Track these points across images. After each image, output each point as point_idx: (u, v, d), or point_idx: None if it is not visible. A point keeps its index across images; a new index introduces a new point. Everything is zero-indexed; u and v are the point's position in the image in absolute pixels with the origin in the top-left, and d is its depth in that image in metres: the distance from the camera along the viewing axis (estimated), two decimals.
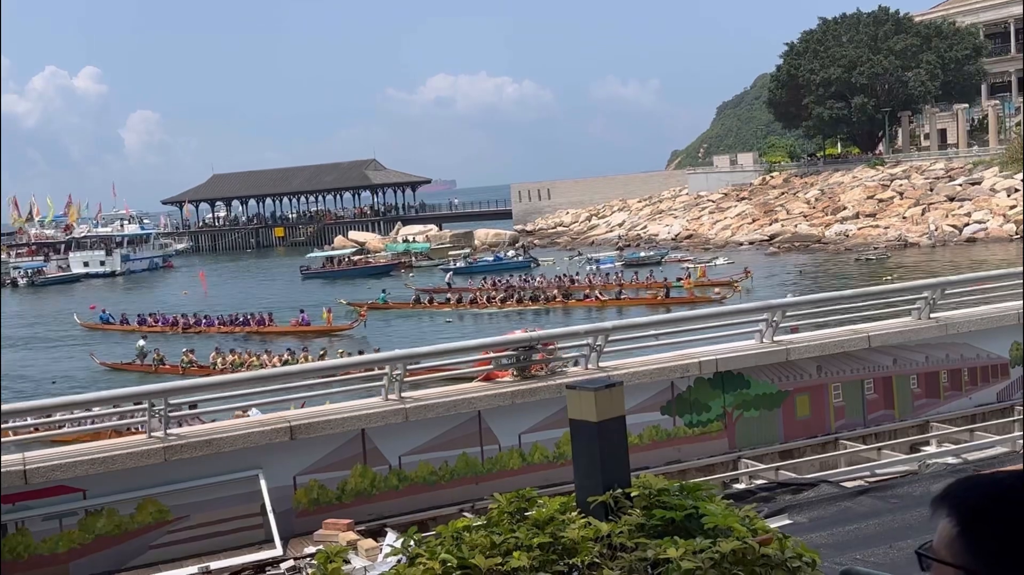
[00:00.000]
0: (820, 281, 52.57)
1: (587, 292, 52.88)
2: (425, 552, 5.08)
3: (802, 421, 13.22)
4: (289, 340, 43.31)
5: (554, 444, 11.76)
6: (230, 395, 12.01)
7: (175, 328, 49.84)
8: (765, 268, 58.70)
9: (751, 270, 54.74)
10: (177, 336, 47.80)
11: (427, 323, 50.42)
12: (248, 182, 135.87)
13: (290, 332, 46.39)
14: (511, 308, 51.70)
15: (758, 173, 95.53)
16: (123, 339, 48.51)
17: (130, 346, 43.22)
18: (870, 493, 10.40)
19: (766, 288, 50.95)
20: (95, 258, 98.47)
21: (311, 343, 39.69)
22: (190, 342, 43.05)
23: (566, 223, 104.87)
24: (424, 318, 52.36)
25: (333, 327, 46.10)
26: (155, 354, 39.53)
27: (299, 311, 48.82)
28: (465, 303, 54.14)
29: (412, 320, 51.39)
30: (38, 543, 9.90)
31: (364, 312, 47.45)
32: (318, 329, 45.89)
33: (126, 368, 39.67)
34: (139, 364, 39.70)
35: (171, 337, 47.33)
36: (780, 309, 13.51)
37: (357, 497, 11.06)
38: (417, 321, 51.22)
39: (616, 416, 5.58)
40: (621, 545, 4.94)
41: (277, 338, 45.30)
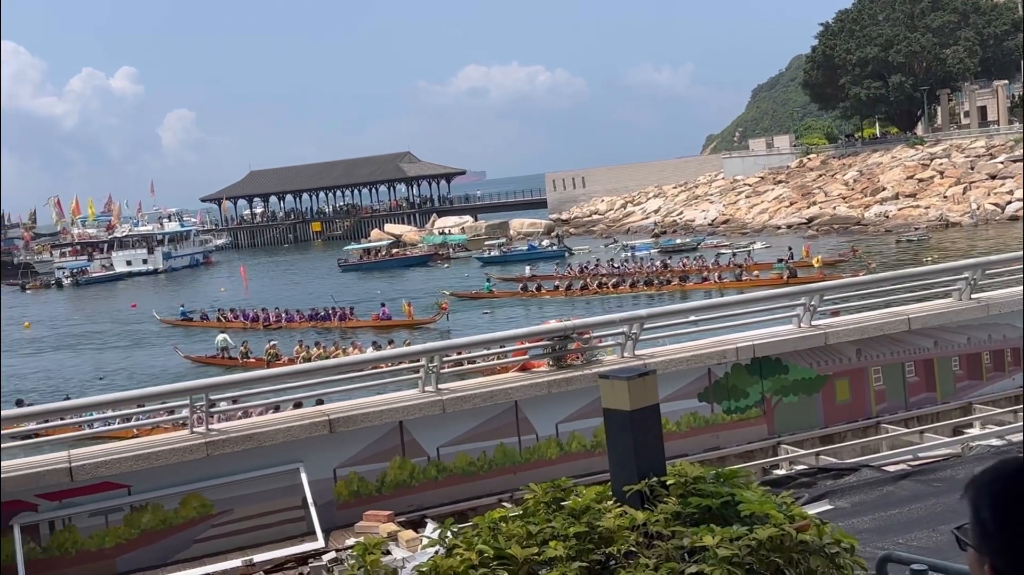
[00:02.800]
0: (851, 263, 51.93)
1: (705, 275, 51.58)
2: (462, 543, 5.11)
3: (842, 405, 13.10)
4: (371, 334, 42.82)
5: (591, 433, 11.76)
6: (272, 390, 12.13)
7: (256, 324, 49.44)
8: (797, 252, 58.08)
9: (857, 248, 53.56)
10: (258, 331, 47.47)
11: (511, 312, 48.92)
12: (284, 178, 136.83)
13: (371, 326, 45.87)
14: (624, 293, 50.39)
15: (795, 156, 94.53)
16: (204, 334, 48.39)
17: (211, 342, 43.17)
18: (912, 477, 10.29)
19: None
20: (138, 256, 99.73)
21: (394, 336, 39.16)
22: (271, 337, 42.75)
23: (601, 211, 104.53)
24: (532, 306, 50.60)
25: (415, 320, 45.72)
26: (242, 347, 39.43)
27: (380, 305, 48.55)
28: (576, 290, 52.71)
29: (506, 309, 50.02)
30: (85, 539, 10.08)
31: (446, 305, 47.05)
32: (400, 323, 45.58)
33: (211, 362, 39.62)
34: (223, 358, 39.67)
35: (252, 332, 47.02)
36: (817, 293, 13.39)
37: (396, 489, 11.14)
38: (506, 311, 49.64)
39: (650, 404, 5.57)
40: (657, 533, 4.94)
41: (359, 332, 44.76)
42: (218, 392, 10.89)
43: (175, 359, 41.56)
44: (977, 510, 1.76)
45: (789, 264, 50.27)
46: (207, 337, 46.55)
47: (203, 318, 53.19)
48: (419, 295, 54.94)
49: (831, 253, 55.50)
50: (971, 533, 1.77)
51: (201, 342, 45.91)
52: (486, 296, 54.08)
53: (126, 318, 60.57)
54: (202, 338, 47.41)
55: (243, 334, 45.40)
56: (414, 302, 48.63)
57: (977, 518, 1.76)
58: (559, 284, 54.46)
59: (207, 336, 47.06)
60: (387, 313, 46.98)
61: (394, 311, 47.27)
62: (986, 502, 1.74)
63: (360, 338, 39.98)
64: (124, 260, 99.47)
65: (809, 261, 52.51)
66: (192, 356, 41.46)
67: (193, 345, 45.16)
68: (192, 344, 45.54)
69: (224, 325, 49.48)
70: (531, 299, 53.16)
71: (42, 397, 32.98)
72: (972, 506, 1.78)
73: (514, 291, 55.06)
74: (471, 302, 53.06)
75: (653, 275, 52.64)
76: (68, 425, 11.74)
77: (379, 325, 45.80)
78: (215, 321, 51.41)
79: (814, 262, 50.93)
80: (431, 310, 47.92)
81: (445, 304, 47.32)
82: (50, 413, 11.47)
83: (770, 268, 51.57)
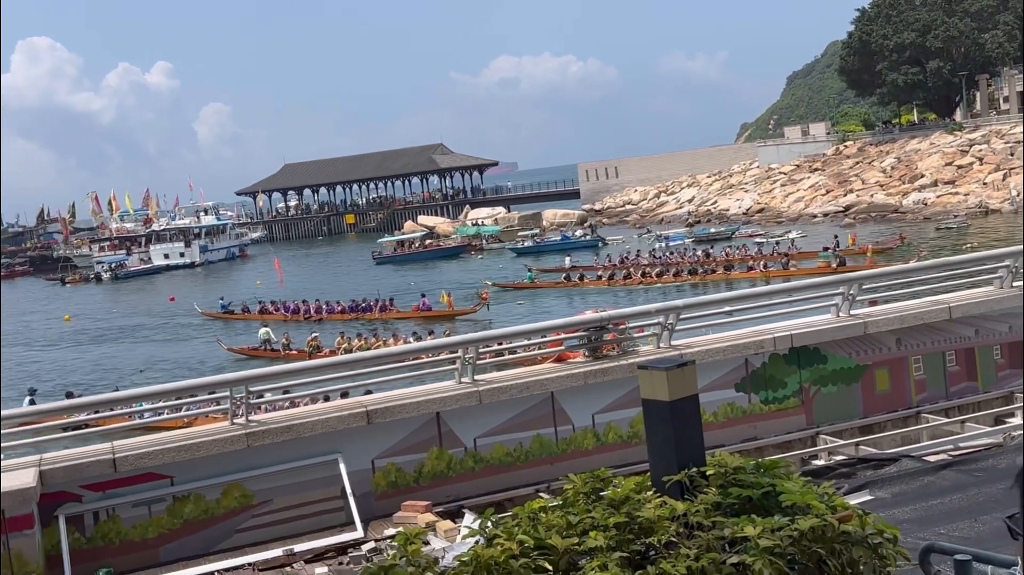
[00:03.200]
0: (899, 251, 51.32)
1: (751, 264, 50.87)
2: (502, 533, 5.14)
3: (882, 395, 12.99)
4: (411, 325, 42.67)
5: (628, 424, 11.76)
6: (309, 381, 12.22)
7: (296, 316, 49.67)
8: (841, 240, 57.47)
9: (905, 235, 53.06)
10: (299, 323, 47.67)
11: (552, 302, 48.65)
12: (318, 170, 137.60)
13: (412, 317, 45.78)
14: (668, 283, 49.80)
15: (831, 143, 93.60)
16: (245, 327, 48.74)
17: (252, 334, 43.46)
18: (954, 467, 10.20)
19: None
20: (175, 250, 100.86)
21: (435, 327, 38.63)
22: (312, 329, 42.90)
23: (634, 201, 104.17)
24: (574, 296, 50.10)
25: (455, 311, 45.73)
26: (284, 338, 39.58)
27: (420, 295, 48.50)
28: (618, 279, 52.40)
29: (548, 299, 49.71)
30: (129, 529, 10.23)
31: (486, 295, 46.98)
32: (440, 313, 45.41)
33: (254, 354, 39.78)
34: (265, 350, 39.79)
35: (292, 324, 47.09)
36: (856, 282, 13.26)
37: (434, 479, 11.20)
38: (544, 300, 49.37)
39: (689, 395, 5.56)
40: (698, 524, 4.94)
41: (399, 323, 44.69)
42: (257, 384, 10.99)
43: (218, 351, 41.89)
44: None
45: (837, 252, 49.41)
46: (248, 330, 46.84)
47: (244, 311, 53.49)
48: (455, 286, 54.96)
49: (879, 241, 54.76)
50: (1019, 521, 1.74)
51: (242, 335, 46.21)
52: (528, 286, 53.92)
53: (167, 311, 61.04)
54: (243, 331, 47.68)
55: (284, 326, 45.58)
56: (452, 293, 48.56)
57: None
58: (601, 274, 54.10)
59: (248, 329, 47.36)
60: (427, 304, 46.90)
61: (433, 302, 47.16)
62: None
63: (401, 329, 40.02)
64: (162, 254, 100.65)
65: (854, 249, 51.75)
66: (235, 348, 41.71)
67: (235, 337, 45.50)
68: (234, 336, 45.87)
69: (265, 317, 49.73)
70: (573, 289, 52.73)
71: (88, 390, 33.44)
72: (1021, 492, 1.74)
73: (557, 281, 54.71)
74: (514, 292, 52.98)
75: (697, 264, 52.05)
76: (112, 416, 11.91)
77: (419, 316, 45.75)
78: (256, 313, 51.59)
79: (866, 251, 49.95)
80: (471, 300, 47.84)
81: (486, 294, 47.20)
82: (94, 405, 11.65)
83: (815, 257, 50.91)
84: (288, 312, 50.48)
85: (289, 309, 50.83)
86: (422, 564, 5.10)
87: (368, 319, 46.70)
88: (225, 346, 42.05)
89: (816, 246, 54.33)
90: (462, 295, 50.46)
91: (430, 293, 49.48)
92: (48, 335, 57.28)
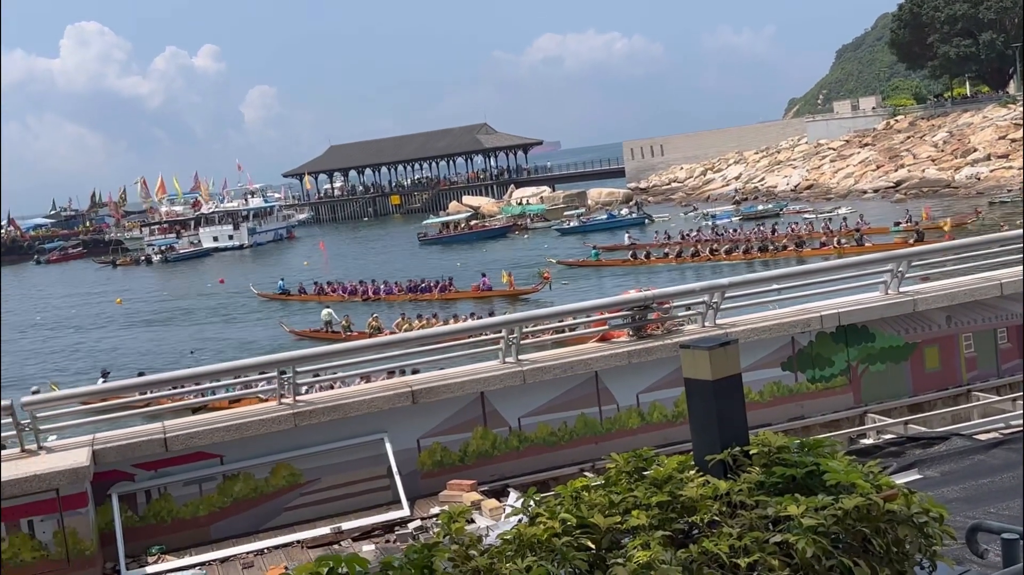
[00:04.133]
0: (976, 225, 49.98)
1: (823, 240, 49.21)
2: (545, 512, 5.16)
3: (932, 373, 12.82)
4: (471, 305, 42.48)
5: (672, 403, 11.72)
6: (356, 361, 12.33)
7: (355, 296, 49.27)
8: (893, 216, 56.52)
9: (981, 210, 52.03)
10: (356, 304, 47.19)
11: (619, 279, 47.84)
12: (363, 152, 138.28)
13: (472, 297, 45.47)
14: (737, 260, 48.83)
15: (881, 118, 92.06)
16: (302, 308, 48.67)
17: (308, 315, 43.32)
18: (1004, 445, 10.04)
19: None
20: (224, 232, 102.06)
21: (496, 308, 38.47)
22: (371, 310, 42.70)
23: (680, 179, 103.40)
24: (641, 274, 49.26)
25: (516, 290, 45.06)
26: (344, 320, 39.35)
27: (480, 275, 48.13)
28: (686, 256, 51.45)
29: (615, 278, 48.94)
30: (180, 507, 10.43)
31: (548, 274, 46.45)
32: (500, 293, 44.96)
33: (315, 335, 39.33)
34: (327, 332, 39.48)
35: (351, 305, 46.69)
36: (905, 259, 13.06)
37: (479, 458, 11.27)
38: (613, 279, 48.51)
39: (732, 374, 5.53)
40: (740, 503, 4.92)
41: (458, 303, 44.48)
42: (305, 364, 11.11)
43: (278, 332, 41.74)
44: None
45: (919, 227, 47.95)
46: (305, 310, 46.78)
47: (301, 292, 53.09)
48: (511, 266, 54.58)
49: (956, 214, 53.41)
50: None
51: (299, 315, 46.05)
52: (593, 264, 53.39)
53: (224, 293, 61.27)
54: (300, 312, 47.48)
55: (342, 306, 45.20)
56: (512, 273, 47.80)
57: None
58: (668, 251, 53.09)
59: (305, 309, 47.28)
60: (487, 283, 46.27)
61: (495, 282, 46.51)
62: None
63: (460, 309, 39.76)
64: (211, 236, 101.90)
65: (929, 223, 50.33)
66: (296, 330, 41.36)
67: (292, 318, 45.39)
68: (291, 317, 45.76)
69: (322, 298, 49.37)
70: (640, 266, 51.63)
71: (147, 371, 33.94)
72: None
73: (624, 259, 53.81)
74: (578, 270, 52.39)
75: (767, 241, 50.95)
76: (163, 396, 12.13)
77: (479, 295, 45.15)
78: (313, 294, 51.23)
79: (944, 226, 48.67)
80: (533, 279, 47.03)
81: (548, 273, 46.67)
82: (146, 385, 11.86)
83: (887, 232, 49.54)
84: (346, 293, 49.97)
85: (347, 290, 50.33)
86: (465, 542, 5.14)
87: (428, 299, 46.23)
88: (287, 328, 41.78)
89: (884, 221, 53.08)
90: (522, 275, 49.74)
91: (476, 274, 49.32)
92: (103, 317, 58.28)
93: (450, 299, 45.82)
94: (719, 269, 46.77)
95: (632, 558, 4.53)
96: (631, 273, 49.88)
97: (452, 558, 4.95)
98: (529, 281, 47.37)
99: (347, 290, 50.47)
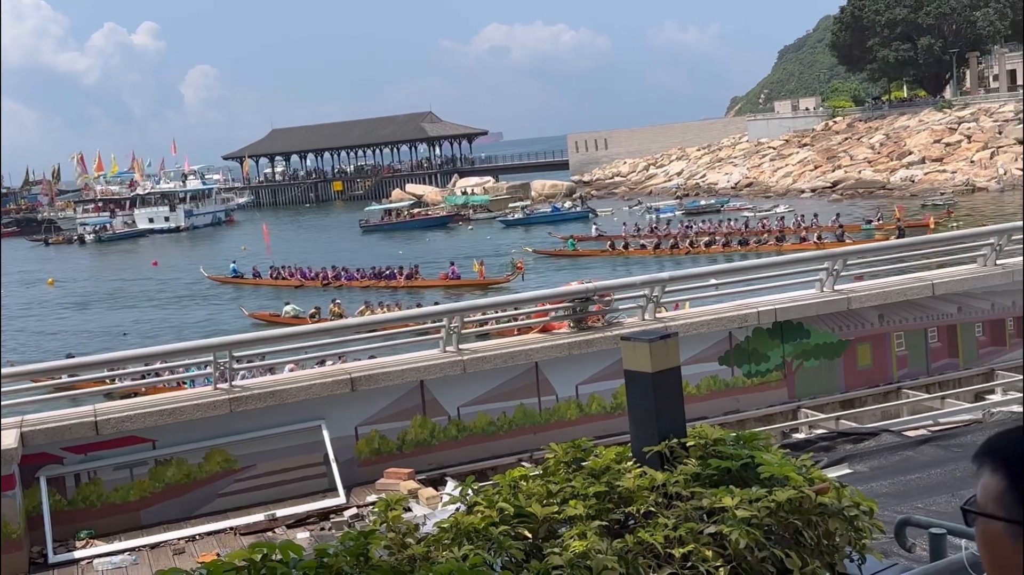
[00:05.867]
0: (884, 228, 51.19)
1: (803, 235, 49.49)
2: (483, 500, 5.16)
3: (864, 371, 13.07)
4: (438, 294, 41.24)
5: (611, 395, 11.80)
6: (294, 347, 12.21)
7: (314, 281, 47.13)
8: (828, 216, 57.41)
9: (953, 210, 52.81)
10: (316, 290, 45.10)
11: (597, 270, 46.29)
12: (306, 136, 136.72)
13: (440, 285, 44.11)
14: (717, 252, 48.46)
15: (821, 118, 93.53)
16: (255, 292, 46.88)
17: (263, 299, 41.83)
18: (933, 442, 10.28)
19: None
20: (159, 214, 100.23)
21: (464, 297, 36.92)
22: (331, 296, 40.77)
23: (623, 173, 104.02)
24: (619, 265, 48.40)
25: (487, 280, 43.61)
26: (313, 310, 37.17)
27: (449, 263, 46.81)
28: (665, 248, 51.05)
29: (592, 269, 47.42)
30: (110, 492, 10.24)
31: (521, 264, 45.47)
32: (470, 282, 43.50)
33: (277, 320, 37.30)
34: (287, 317, 37.51)
35: (310, 291, 44.70)
36: (841, 258, 13.30)
37: (417, 447, 11.23)
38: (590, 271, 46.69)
39: (671, 367, 5.58)
40: (676, 494, 4.97)
41: (426, 292, 43.14)
42: (242, 349, 10.97)
43: (226, 316, 40.32)
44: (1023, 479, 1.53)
45: (900, 224, 48.36)
46: (258, 295, 45.06)
47: (256, 275, 50.93)
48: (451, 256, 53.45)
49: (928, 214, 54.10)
50: (1007, 506, 1.54)
51: (252, 300, 44.42)
52: (570, 254, 53.04)
53: (172, 275, 59.23)
54: (253, 296, 45.78)
55: (300, 292, 43.50)
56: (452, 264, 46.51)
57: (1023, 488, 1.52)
58: (646, 243, 52.94)
59: (258, 294, 45.51)
60: (456, 272, 45.07)
61: (465, 271, 45.30)
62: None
63: (426, 299, 38.77)
64: (146, 217, 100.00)
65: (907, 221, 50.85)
66: (258, 314, 39.70)
67: (245, 302, 43.68)
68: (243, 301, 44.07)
69: (279, 283, 47.68)
70: (618, 257, 51.15)
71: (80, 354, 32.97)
72: (1015, 476, 1.54)
73: (602, 249, 53.23)
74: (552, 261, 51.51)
75: (749, 234, 51.23)
76: (93, 380, 11.89)
77: (448, 284, 43.92)
78: (269, 278, 49.37)
79: (929, 223, 49.03)
80: (506, 269, 45.88)
81: (521, 263, 45.95)
82: (78, 367, 11.62)
83: (859, 230, 49.69)
84: (304, 278, 47.97)
85: (306, 275, 48.28)
86: (402, 530, 5.12)
87: (392, 287, 44.78)
88: (247, 311, 40.26)
89: (824, 220, 53.62)
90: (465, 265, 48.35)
91: (415, 264, 48.50)
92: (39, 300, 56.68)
93: (416, 287, 44.42)
94: (698, 261, 46.23)
95: (568, 547, 4.56)
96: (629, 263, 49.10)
97: (388, 546, 4.93)
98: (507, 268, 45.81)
99: (306, 275, 48.20)
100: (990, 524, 1.57)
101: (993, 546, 1.57)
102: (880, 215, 52.20)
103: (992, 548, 1.57)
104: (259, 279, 50.54)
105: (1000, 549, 1.55)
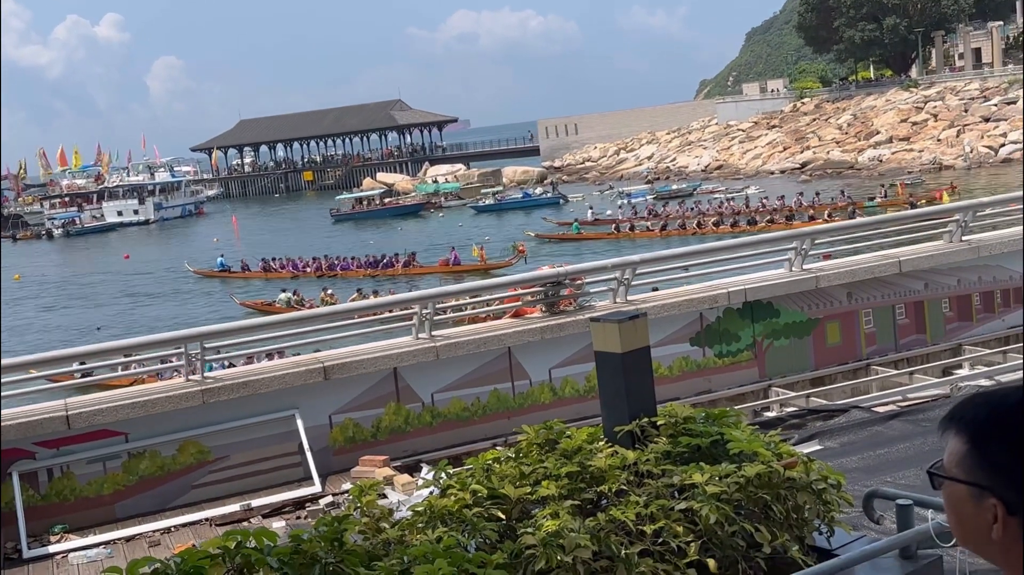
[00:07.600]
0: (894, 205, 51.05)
1: (812, 213, 48.50)
2: (456, 483, 5.20)
3: (833, 348, 13.22)
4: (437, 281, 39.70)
5: (584, 378, 11.86)
6: (266, 338, 12.17)
7: (307, 272, 46.25)
8: (800, 194, 57.69)
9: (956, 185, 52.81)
10: (311, 280, 44.36)
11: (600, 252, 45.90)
12: (274, 127, 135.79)
13: (439, 272, 42.99)
14: (725, 232, 47.60)
15: (789, 100, 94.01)
16: (245, 285, 45.96)
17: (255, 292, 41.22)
18: (901, 417, 10.43)
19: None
20: (128, 207, 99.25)
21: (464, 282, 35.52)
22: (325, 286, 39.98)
23: (594, 158, 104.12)
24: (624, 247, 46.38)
25: (488, 264, 42.62)
26: (294, 295, 36.48)
27: (450, 248, 46.05)
28: (671, 230, 50.77)
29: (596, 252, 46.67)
30: (83, 486, 10.19)
31: (523, 247, 44.79)
32: (471, 267, 42.76)
33: (271, 309, 35.88)
34: (281, 307, 36.28)
35: (303, 283, 43.59)
36: (809, 237, 13.43)
37: (392, 434, 11.25)
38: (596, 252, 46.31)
39: (641, 347, 5.63)
40: (647, 472, 5.03)
41: (424, 279, 42.03)
42: (213, 340, 10.93)
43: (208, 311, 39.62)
44: (983, 442, 1.57)
45: (913, 199, 48.27)
46: (249, 289, 44.23)
47: (244, 269, 49.74)
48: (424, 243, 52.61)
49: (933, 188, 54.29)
50: (969, 469, 1.59)
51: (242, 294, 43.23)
52: (574, 238, 52.67)
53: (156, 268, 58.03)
54: (243, 290, 44.82)
55: (293, 284, 42.45)
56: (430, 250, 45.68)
57: (983, 451, 1.57)
58: (651, 225, 52.52)
59: (248, 288, 44.69)
60: (457, 258, 44.29)
61: (465, 256, 44.61)
62: (997, 433, 1.57)
63: (425, 285, 38.34)
64: (115, 211, 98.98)
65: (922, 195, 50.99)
66: (250, 303, 38.90)
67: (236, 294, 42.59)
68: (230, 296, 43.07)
69: (269, 275, 46.87)
70: (623, 240, 50.41)
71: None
72: (975, 439, 1.59)
73: (607, 232, 52.60)
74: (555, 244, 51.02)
75: (757, 214, 51.10)
76: (65, 373, 11.81)
77: (447, 270, 43.13)
78: (259, 271, 48.21)
79: (940, 196, 48.84)
80: (507, 253, 45.22)
81: (523, 247, 45.64)
82: (47, 362, 11.51)
83: (861, 208, 49.33)
84: (297, 270, 47.02)
85: (297, 267, 47.33)
86: (376, 515, 5.14)
87: (391, 275, 43.90)
88: (239, 300, 39.47)
89: (790, 200, 53.95)
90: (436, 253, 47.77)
91: (389, 252, 48.06)
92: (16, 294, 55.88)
93: (415, 274, 43.66)
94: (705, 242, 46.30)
95: (541, 527, 4.60)
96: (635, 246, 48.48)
97: (363, 530, 4.95)
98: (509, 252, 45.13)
99: (298, 266, 47.15)
100: (954, 487, 1.62)
101: (958, 509, 1.63)
102: (884, 193, 52.21)
103: (957, 511, 1.63)
104: (248, 272, 49.24)
105: (964, 511, 1.61)
